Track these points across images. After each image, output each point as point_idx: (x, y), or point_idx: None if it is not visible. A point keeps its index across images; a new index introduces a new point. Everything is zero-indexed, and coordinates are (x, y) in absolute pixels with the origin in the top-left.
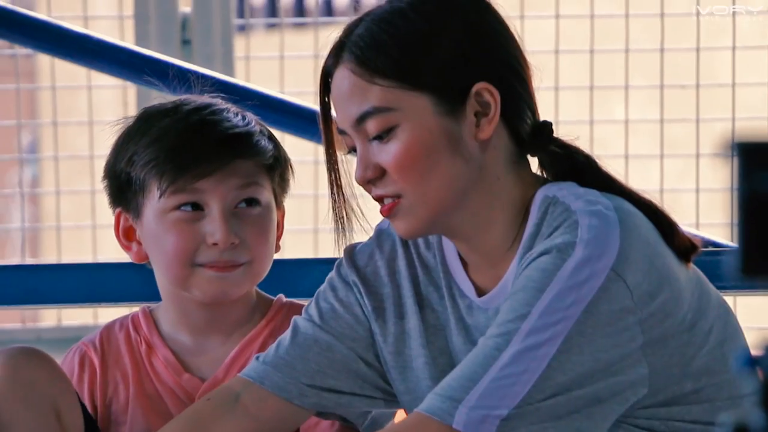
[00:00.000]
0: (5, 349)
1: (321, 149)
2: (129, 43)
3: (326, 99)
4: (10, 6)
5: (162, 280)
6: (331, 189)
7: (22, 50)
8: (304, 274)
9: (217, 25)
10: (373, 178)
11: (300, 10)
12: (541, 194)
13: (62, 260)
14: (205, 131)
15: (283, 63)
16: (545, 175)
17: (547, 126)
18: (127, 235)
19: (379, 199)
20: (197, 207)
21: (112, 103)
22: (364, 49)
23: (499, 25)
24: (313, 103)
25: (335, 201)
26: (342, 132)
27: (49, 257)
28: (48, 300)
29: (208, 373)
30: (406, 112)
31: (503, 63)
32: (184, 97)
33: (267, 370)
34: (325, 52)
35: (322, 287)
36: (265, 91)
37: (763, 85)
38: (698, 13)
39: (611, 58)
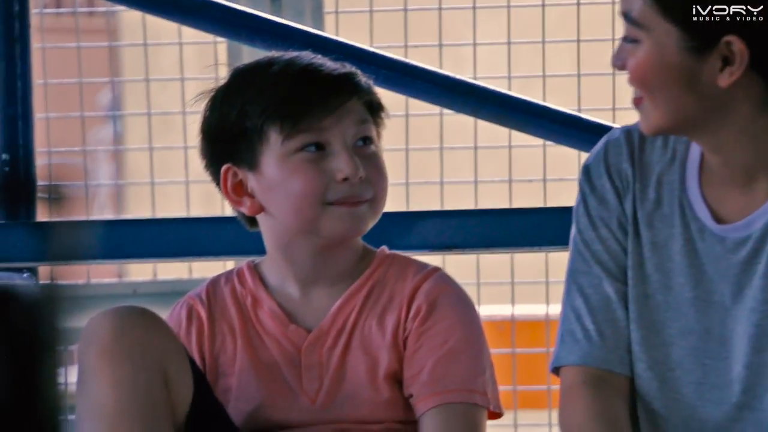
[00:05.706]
0: (114, 308)
1: (411, 102)
2: None
3: None
4: None
5: (278, 229)
6: None
7: (101, 7)
8: (401, 228)
9: None
10: (621, 68)
11: None
12: None
13: (155, 216)
14: (316, 74)
15: (372, 17)
16: None
17: None
18: (236, 191)
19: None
20: (320, 147)
21: (195, 59)
22: None
23: None
24: (403, 56)
25: None
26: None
27: (132, 214)
28: (144, 254)
29: (313, 324)
30: (653, 34)
31: None
32: (276, 53)
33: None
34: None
35: (573, 234)
36: (356, 44)
37: None
38: None
39: None
